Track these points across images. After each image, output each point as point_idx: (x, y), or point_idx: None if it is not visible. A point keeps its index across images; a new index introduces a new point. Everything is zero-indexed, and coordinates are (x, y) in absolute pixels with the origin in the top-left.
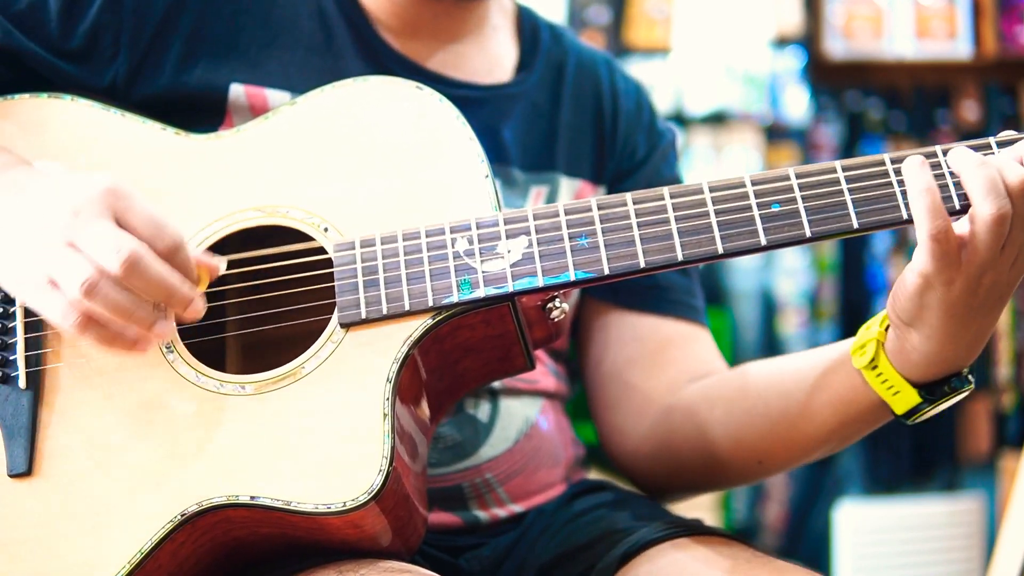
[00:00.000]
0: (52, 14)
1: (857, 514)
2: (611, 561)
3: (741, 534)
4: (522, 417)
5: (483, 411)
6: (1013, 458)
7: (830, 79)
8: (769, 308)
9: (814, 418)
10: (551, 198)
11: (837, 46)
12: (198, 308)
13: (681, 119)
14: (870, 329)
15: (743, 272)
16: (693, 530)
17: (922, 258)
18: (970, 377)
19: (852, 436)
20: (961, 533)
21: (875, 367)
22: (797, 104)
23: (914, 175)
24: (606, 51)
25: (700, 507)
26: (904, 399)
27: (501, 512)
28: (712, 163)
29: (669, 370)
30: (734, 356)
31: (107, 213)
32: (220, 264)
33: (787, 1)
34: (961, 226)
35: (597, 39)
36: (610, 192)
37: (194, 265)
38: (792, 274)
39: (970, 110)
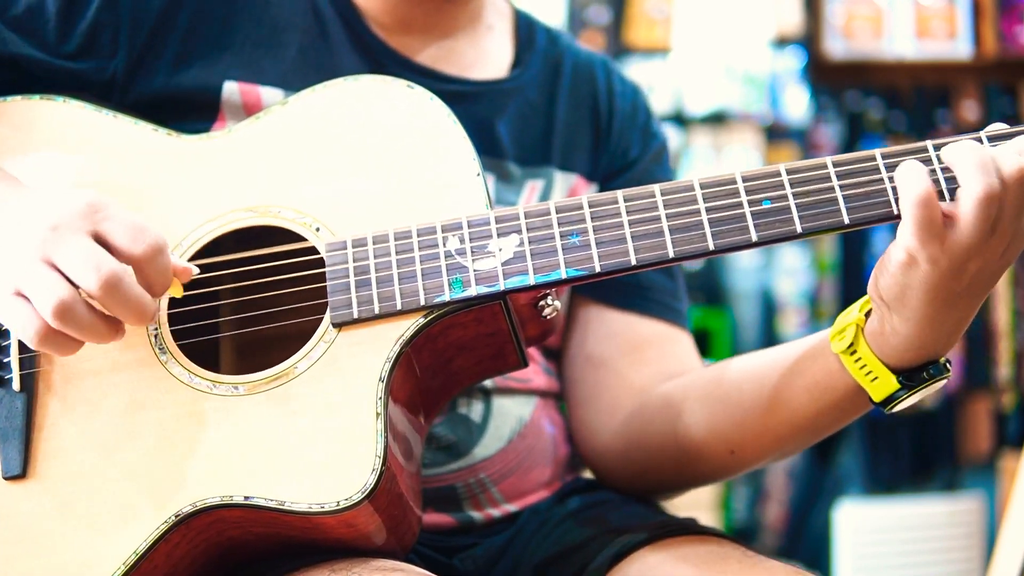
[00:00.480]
0: (50, 16)
1: (857, 514)
2: (603, 561)
3: (740, 534)
4: (515, 416)
5: (476, 411)
6: (1013, 458)
7: (830, 79)
8: (769, 308)
9: (788, 404)
10: (546, 192)
11: (837, 46)
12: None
13: (681, 119)
14: (849, 314)
15: (743, 272)
16: (686, 530)
17: (905, 229)
18: (947, 365)
19: (827, 426)
20: (961, 533)
21: (854, 351)
22: (797, 104)
23: (904, 164)
24: (605, 51)
25: (699, 507)
26: (882, 385)
27: (495, 512)
28: (712, 163)
29: (644, 369)
30: (734, 356)
31: (85, 227)
32: (193, 270)
33: (787, 1)
34: (950, 204)
35: (597, 39)
36: (602, 190)
37: (171, 270)
38: (792, 274)
39: (970, 110)
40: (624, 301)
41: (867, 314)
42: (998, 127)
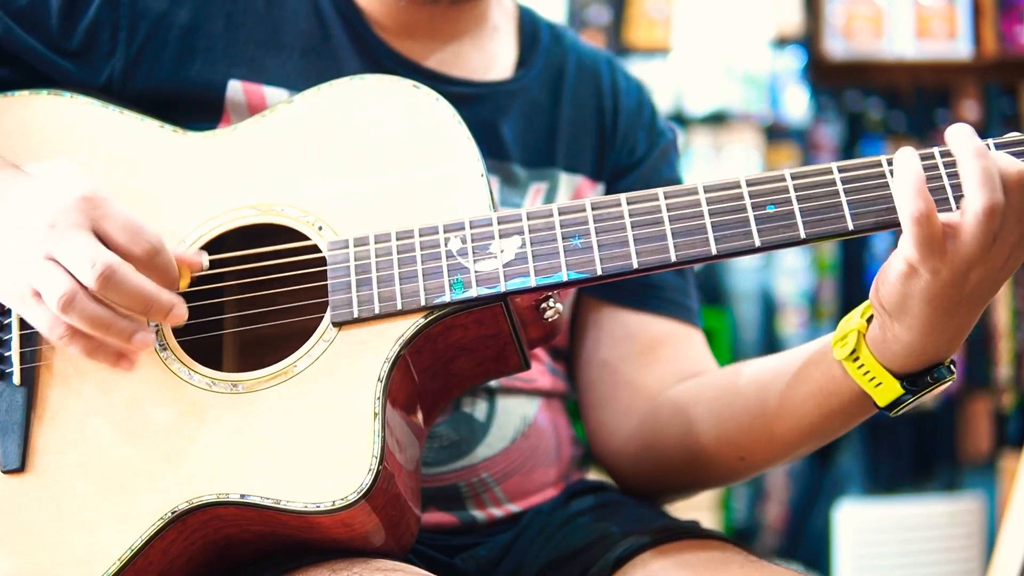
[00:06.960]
0: (53, 11)
1: (857, 514)
2: (605, 565)
3: (740, 536)
4: (519, 416)
5: (480, 410)
6: (1013, 458)
7: (830, 79)
8: (769, 308)
9: (795, 411)
10: (550, 195)
11: (837, 46)
12: (179, 314)
13: (681, 119)
14: (851, 320)
15: (743, 272)
16: (689, 534)
17: (905, 242)
18: (952, 367)
19: (834, 430)
20: (961, 533)
21: (856, 358)
22: (797, 104)
23: (902, 161)
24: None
25: (700, 507)
26: (886, 391)
27: (498, 512)
28: (712, 163)
29: (658, 369)
30: (734, 356)
31: (83, 223)
32: (202, 260)
33: (787, 1)
34: (952, 215)
35: (597, 39)
36: (608, 189)
37: (174, 267)
38: (792, 274)
39: (970, 110)
40: (638, 302)
41: (869, 319)
42: (1011, 138)
